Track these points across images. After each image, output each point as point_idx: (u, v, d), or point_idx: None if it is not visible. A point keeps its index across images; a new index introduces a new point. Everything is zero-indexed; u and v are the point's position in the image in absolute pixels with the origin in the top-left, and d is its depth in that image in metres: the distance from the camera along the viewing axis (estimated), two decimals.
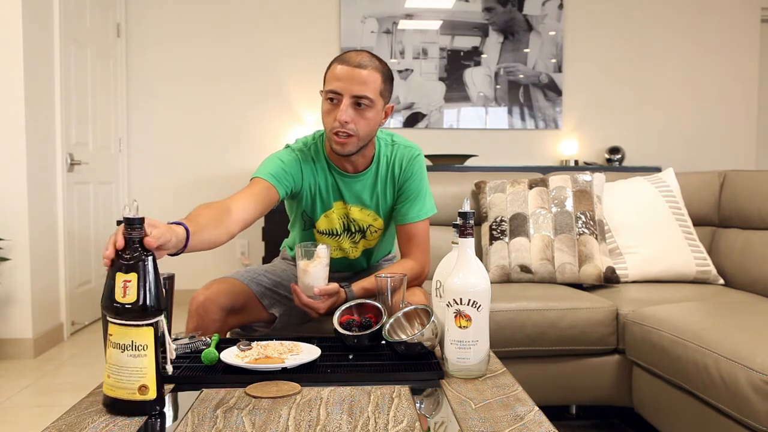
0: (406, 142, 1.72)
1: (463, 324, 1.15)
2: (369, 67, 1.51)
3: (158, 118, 4.12)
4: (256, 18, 4.15)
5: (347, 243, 1.75)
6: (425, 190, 1.70)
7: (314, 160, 1.66)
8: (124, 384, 0.97)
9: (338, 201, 1.69)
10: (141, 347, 0.97)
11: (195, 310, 1.54)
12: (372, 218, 1.72)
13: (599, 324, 1.91)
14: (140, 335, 0.97)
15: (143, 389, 0.97)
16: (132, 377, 0.97)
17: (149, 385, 0.97)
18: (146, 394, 0.97)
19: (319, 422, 0.95)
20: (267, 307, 1.66)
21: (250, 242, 4.16)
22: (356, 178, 1.67)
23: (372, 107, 1.52)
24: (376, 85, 1.52)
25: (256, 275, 1.69)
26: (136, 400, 0.97)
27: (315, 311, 1.47)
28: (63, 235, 3.23)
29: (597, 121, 4.37)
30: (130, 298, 0.96)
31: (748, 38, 4.42)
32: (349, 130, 1.51)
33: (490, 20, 4.24)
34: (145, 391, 0.97)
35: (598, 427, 2.10)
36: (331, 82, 1.51)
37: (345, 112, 1.49)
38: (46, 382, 2.58)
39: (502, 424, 0.95)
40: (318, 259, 1.46)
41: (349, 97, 1.49)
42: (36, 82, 2.99)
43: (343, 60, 1.51)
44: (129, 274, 0.97)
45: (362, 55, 1.52)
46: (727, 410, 1.42)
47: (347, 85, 1.49)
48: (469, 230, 1.17)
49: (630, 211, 2.34)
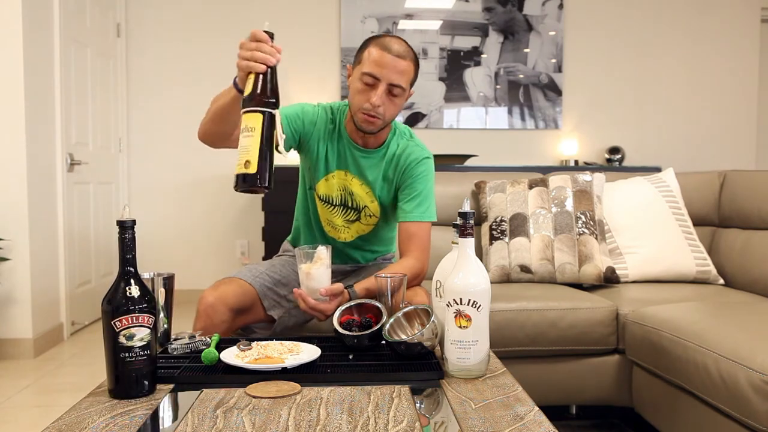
0: (421, 143, 1.78)
1: (463, 324, 1.15)
2: (407, 58, 1.59)
3: (158, 118, 4.12)
4: (256, 18, 4.14)
5: (340, 219, 1.77)
6: (431, 194, 1.73)
7: (333, 124, 1.74)
8: (238, 161, 1.16)
9: (342, 170, 1.74)
10: (251, 129, 1.16)
11: (204, 310, 1.54)
12: (369, 198, 1.75)
13: (599, 324, 1.91)
14: (251, 120, 1.16)
15: (247, 164, 1.15)
16: (241, 154, 1.16)
17: (251, 160, 1.14)
18: (248, 168, 1.14)
19: (319, 422, 0.95)
20: (267, 308, 1.66)
21: (250, 242, 4.16)
22: (365, 153, 1.73)
23: (403, 95, 1.62)
24: (410, 75, 1.61)
25: (259, 274, 1.70)
26: (243, 173, 1.15)
27: (322, 314, 1.45)
28: (63, 235, 3.23)
29: (597, 121, 4.37)
30: (247, 89, 1.19)
31: (748, 38, 4.42)
32: (378, 114, 1.60)
33: (490, 20, 4.24)
34: (248, 166, 1.14)
35: (598, 427, 2.10)
36: (371, 65, 1.58)
37: (380, 96, 1.58)
38: (46, 382, 2.58)
39: (502, 424, 0.95)
40: (320, 261, 1.45)
41: (386, 83, 1.58)
42: (36, 82, 2.99)
43: (384, 46, 1.58)
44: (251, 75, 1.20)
45: (401, 44, 1.59)
46: (727, 410, 1.42)
47: (387, 73, 1.57)
48: (469, 230, 1.17)
49: (630, 211, 2.34)
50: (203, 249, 4.14)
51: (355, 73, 1.63)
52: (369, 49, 1.59)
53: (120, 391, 1.06)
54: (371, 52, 1.58)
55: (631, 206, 2.35)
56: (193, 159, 4.12)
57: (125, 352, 1.05)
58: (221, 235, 4.16)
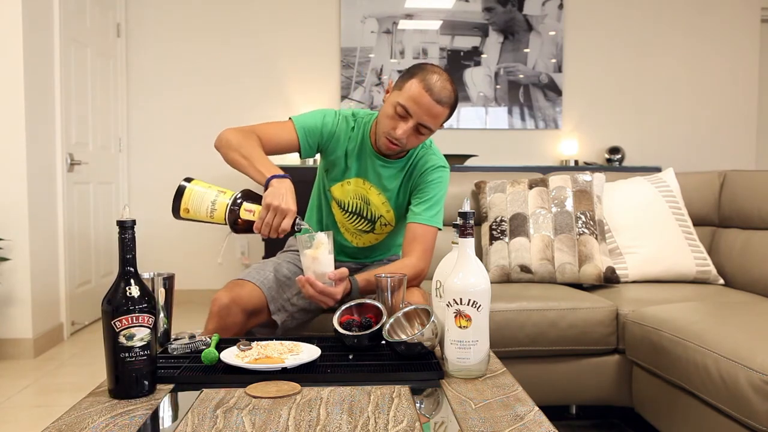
0: (439, 153, 1.79)
1: (463, 324, 1.15)
2: (445, 104, 1.57)
3: (158, 118, 4.12)
4: (256, 18, 4.15)
5: (352, 227, 1.78)
6: (441, 202, 1.74)
7: (357, 132, 1.73)
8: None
9: (360, 178, 1.74)
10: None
11: (217, 312, 1.55)
12: (385, 208, 1.76)
13: (599, 324, 1.91)
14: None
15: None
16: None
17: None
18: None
19: (319, 422, 0.95)
20: (272, 312, 1.67)
21: (250, 242, 4.16)
22: (386, 163, 1.73)
23: (429, 133, 1.63)
24: (442, 118, 1.61)
25: (266, 277, 1.69)
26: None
27: (331, 297, 1.46)
28: (63, 235, 3.23)
29: (597, 121, 4.37)
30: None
31: (748, 38, 4.42)
32: (400, 144, 1.61)
33: (490, 20, 4.24)
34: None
35: (598, 427, 2.10)
36: (408, 100, 1.57)
37: (406, 131, 1.58)
38: (46, 382, 2.58)
39: (502, 424, 0.95)
40: (322, 245, 1.44)
41: (416, 121, 1.57)
42: (36, 82, 2.99)
43: (428, 86, 1.55)
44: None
45: (445, 88, 1.57)
46: (727, 410, 1.42)
47: (420, 113, 1.57)
48: (469, 230, 1.17)
49: (630, 211, 2.34)
50: (203, 249, 4.14)
51: (392, 96, 1.61)
52: (412, 81, 1.57)
53: (120, 391, 1.06)
54: (412, 86, 1.56)
55: (631, 206, 2.35)
56: (194, 159, 4.12)
57: (125, 352, 1.05)
58: (221, 235, 4.16)
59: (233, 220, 1.39)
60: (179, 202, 1.41)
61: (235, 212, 1.39)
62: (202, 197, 1.40)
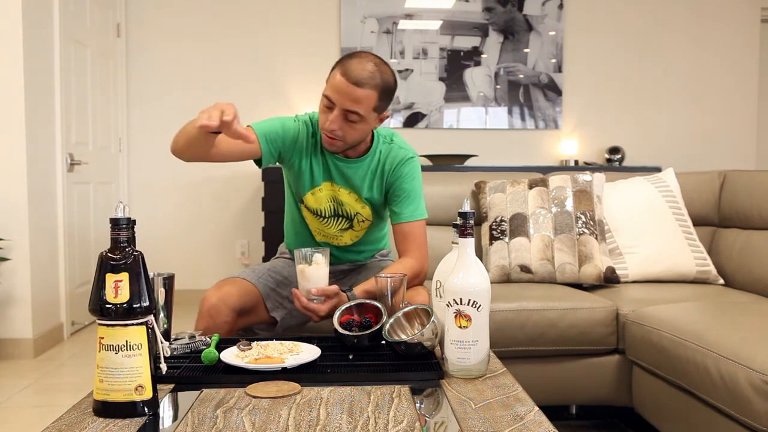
0: (403, 143, 1.74)
1: (463, 324, 1.15)
2: (366, 86, 1.51)
3: (158, 118, 4.12)
4: (256, 18, 4.15)
5: (334, 229, 1.77)
6: (419, 192, 1.72)
7: (314, 138, 1.70)
8: (120, 386, 0.97)
9: (327, 182, 1.71)
10: (135, 346, 0.97)
11: (207, 311, 1.54)
12: (360, 205, 1.73)
13: (599, 324, 1.91)
14: (134, 335, 0.97)
15: (139, 389, 0.98)
16: (128, 378, 0.97)
17: (145, 384, 0.98)
18: (143, 394, 0.98)
19: (319, 422, 0.95)
20: (270, 309, 1.66)
21: (250, 242, 4.16)
22: (349, 163, 1.70)
23: (362, 120, 1.56)
24: (369, 102, 1.54)
25: (261, 275, 1.70)
26: (133, 400, 0.97)
27: (315, 314, 1.46)
28: (63, 235, 3.23)
29: (597, 121, 4.37)
30: (122, 298, 0.96)
31: (748, 38, 4.42)
32: (336, 136, 1.56)
33: (490, 20, 4.24)
34: (142, 391, 0.98)
35: (598, 427, 2.10)
36: (329, 88, 1.54)
37: (334, 121, 1.54)
38: (46, 382, 2.58)
39: (502, 424, 0.95)
40: (316, 265, 1.47)
41: (340, 109, 1.53)
42: (36, 82, 2.99)
43: (345, 71, 1.51)
44: (120, 274, 0.97)
45: (364, 69, 1.52)
46: (727, 410, 1.42)
47: (340, 98, 1.52)
48: (469, 230, 1.17)
49: (630, 211, 2.34)
50: (203, 249, 4.13)
51: (324, 90, 1.59)
52: (335, 71, 1.55)
53: None
54: (335, 75, 1.54)
55: (631, 206, 2.35)
56: None
57: None
58: (221, 235, 4.16)
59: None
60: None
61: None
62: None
